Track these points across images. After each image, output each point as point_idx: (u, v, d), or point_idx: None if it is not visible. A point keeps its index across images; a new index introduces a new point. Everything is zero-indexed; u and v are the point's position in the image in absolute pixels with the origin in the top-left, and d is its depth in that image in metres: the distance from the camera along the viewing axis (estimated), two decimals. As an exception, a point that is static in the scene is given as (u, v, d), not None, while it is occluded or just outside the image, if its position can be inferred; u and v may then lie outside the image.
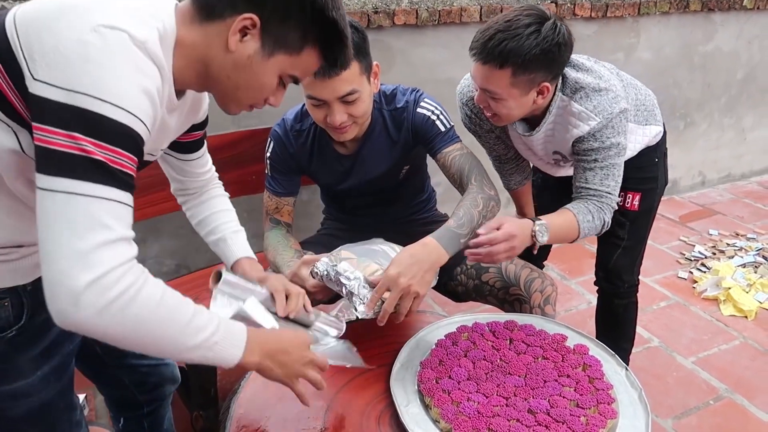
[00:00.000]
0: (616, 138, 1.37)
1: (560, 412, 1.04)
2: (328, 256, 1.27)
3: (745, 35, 3.30)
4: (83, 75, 0.70)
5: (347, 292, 1.21)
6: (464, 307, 1.97)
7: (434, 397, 1.08)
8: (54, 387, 0.97)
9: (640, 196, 1.64)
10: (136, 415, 1.34)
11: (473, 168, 1.41)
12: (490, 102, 1.35)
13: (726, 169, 3.71)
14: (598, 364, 1.18)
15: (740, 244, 2.90)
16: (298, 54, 0.89)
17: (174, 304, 0.77)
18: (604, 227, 1.43)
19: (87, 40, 0.71)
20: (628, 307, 1.82)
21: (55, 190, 0.69)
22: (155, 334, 0.75)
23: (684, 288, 2.56)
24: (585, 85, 1.37)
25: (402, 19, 2.28)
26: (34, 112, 0.71)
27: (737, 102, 3.50)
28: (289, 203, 1.54)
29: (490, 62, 1.27)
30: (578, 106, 1.37)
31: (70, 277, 0.68)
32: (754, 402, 1.90)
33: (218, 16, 0.83)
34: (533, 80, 1.29)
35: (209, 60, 0.86)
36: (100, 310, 0.69)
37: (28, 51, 0.72)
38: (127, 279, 0.71)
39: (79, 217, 0.69)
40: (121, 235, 0.72)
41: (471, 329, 1.28)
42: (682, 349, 2.16)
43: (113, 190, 0.72)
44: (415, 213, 1.68)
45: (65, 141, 0.69)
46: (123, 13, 0.76)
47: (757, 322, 2.31)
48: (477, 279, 1.55)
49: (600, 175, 1.41)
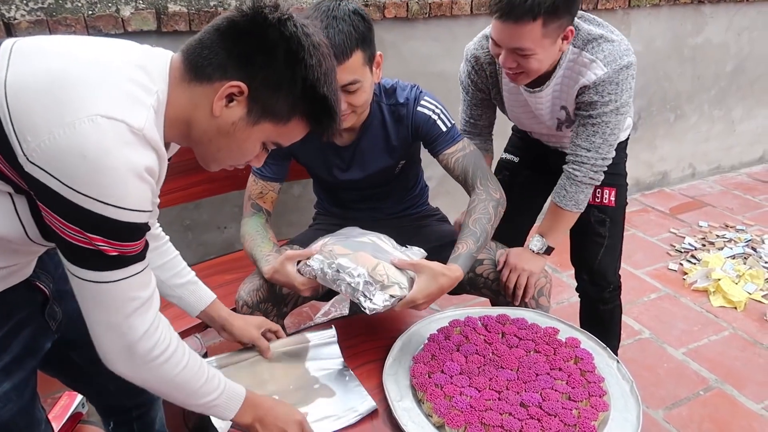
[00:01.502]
0: (616, 96, 1.37)
1: (552, 405, 1.05)
2: (321, 253, 1.25)
3: (734, 27, 3.32)
4: (83, 174, 0.70)
5: (351, 289, 1.18)
6: (456, 301, 1.97)
7: (427, 391, 1.08)
8: (15, 404, 0.94)
9: (615, 192, 1.65)
10: (126, 419, 1.32)
11: (477, 168, 1.43)
12: (519, 60, 1.32)
13: (716, 161, 3.73)
14: (590, 357, 1.19)
15: (730, 235, 2.92)
16: (285, 124, 0.88)
17: (192, 373, 0.91)
18: (586, 190, 1.48)
19: (83, 132, 0.69)
20: (614, 312, 1.82)
21: (83, 278, 0.78)
22: (172, 393, 0.91)
23: (674, 279, 2.58)
24: (597, 36, 1.37)
25: (392, 12, 2.27)
26: (37, 194, 0.73)
27: (727, 94, 3.52)
28: (274, 189, 1.50)
29: (522, 18, 1.23)
30: (589, 56, 1.37)
31: (111, 347, 0.83)
32: (744, 392, 1.92)
33: (207, 79, 0.82)
34: (561, 26, 1.28)
35: (193, 122, 0.85)
36: (133, 368, 0.85)
37: (20, 128, 0.70)
38: (159, 348, 0.85)
39: (108, 299, 0.80)
40: (145, 298, 0.83)
41: (463, 323, 1.28)
42: (672, 341, 2.17)
43: (130, 268, 0.80)
44: (409, 208, 1.68)
45: (78, 236, 0.74)
46: (119, 95, 0.74)
47: (746, 312, 2.33)
48: (471, 272, 1.55)
49: (589, 131, 1.42)
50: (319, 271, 1.22)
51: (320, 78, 0.85)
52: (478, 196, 1.40)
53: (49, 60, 0.74)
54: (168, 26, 1.88)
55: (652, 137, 3.34)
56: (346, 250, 1.25)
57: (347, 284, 1.18)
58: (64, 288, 1.03)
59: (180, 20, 1.89)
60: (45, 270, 0.99)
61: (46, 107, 0.70)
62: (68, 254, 0.77)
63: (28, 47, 0.76)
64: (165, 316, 0.88)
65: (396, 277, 1.19)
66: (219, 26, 0.83)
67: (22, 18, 1.70)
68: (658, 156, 3.44)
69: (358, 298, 1.17)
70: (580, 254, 1.76)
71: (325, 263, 1.22)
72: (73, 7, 1.76)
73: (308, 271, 1.25)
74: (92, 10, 1.78)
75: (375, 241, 1.31)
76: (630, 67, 1.37)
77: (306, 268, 1.25)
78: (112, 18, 1.79)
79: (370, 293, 1.17)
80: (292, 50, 0.82)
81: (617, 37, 1.38)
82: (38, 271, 0.97)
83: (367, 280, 1.17)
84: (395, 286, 1.17)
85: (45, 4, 1.72)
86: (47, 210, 0.73)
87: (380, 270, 1.19)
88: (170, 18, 1.88)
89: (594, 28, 1.39)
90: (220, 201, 2.18)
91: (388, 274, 1.18)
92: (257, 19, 0.81)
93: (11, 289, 0.90)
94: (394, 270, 1.20)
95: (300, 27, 0.83)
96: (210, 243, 2.25)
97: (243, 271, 1.31)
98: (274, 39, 0.81)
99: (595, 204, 1.64)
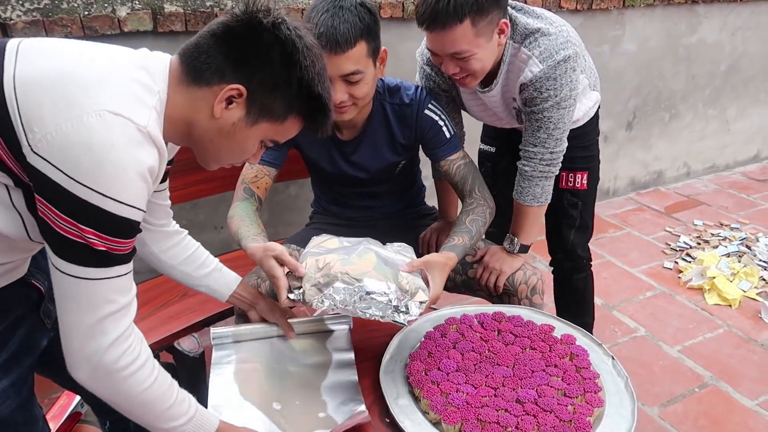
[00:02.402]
0: (555, 91, 1.35)
1: (548, 402, 1.06)
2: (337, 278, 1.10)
3: (728, 27, 3.33)
4: (86, 165, 0.71)
5: (381, 310, 1.09)
6: (453, 299, 1.97)
7: (423, 388, 1.09)
8: (13, 401, 0.95)
9: (587, 175, 1.68)
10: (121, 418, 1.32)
11: (476, 178, 1.48)
12: (461, 65, 1.31)
13: (710, 159, 3.74)
14: (585, 353, 1.19)
15: (724, 234, 2.93)
16: (282, 122, 0.91)
17: (158, 393, 0.88)
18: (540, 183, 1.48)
19: (90, 125, 0.71)
20: (587, 280, 1.88)
21: (65, 272, 0.78)
22: (134, 411, 0.88)
23: (669, 278, 2.59)
24: (534, 30, 1.35)
25: (388, 12, 2.28)
26: (36, 185, 0.74)
27: (721, 93, 3.54)
28: (269, 175, 1.46)
29: (449, 23, 1.23)
30: (527, 51, 1.35)
31: (78, 348, 0.81)
32: (738, 389, 1.93)
33: (205, 82, 0.85)
34: (492, 20, 1.27)
35: (193, 123, 0.87)
36: (96, 377, 0.82)
37: (27, 120, 0.72)
38: (127, 358, 0.82)
39: (86, 296, 0.79)
40: (123, 304, 0.82)
41: (459, 321, 1.29)
42: (667, 338, 2.19)
43: (115, 269, 0.80)
44: (406, 207, 1.68)
45: (70, 228, 0.74)
46: (124, 93, 0.76)
47: (741, 310, 2.35)
48: (464, 275, 1.56)
49: (534, 127, 1.43)
50: (341, 303, 1.09)
51: (314, 78, 0.88)
52: (477, 200, 1.44)
53: (57, 58, 0.76)
54: (164, 27, 1.89)
55: (647, 136, 3.36)
56: (359, 267, 1.13)
57: (379, 306, 1.09)
58: None
59: (176, 21, 1.90)
60: (39, 268, 0.99)
61: (54, 101, 0.72)
62: (56, 247, 0.77)
63: (34, 46, 0.78)
64: (162, 316, 0.89)
65: (416, 282, 1.15)
66: (215, 31, 0.85)
67: (18, 18, 1.70)
68: (653, 155, 3.46)
69: (392, 315, 1.10)
70: (553, 236, 1.81)
71: (349, 292, 1.09)
72: (69, 7, 1.76)
73: (325, 304, 1.09)
74: (88, 10, 1.78)
75: (376, 250, 1.22)
76: (568, 60, 1.34)
77: (321, 301, 1.09)
78: (108, 18, 1.80)
79: (405, 306, 1.11)
80: (287, 52, 0.85)
81: (555, 29, 1.35)
82: (33, 269, 0.98)
83: (398, 295, 1.10)
84: (419, 291, 1.14)
85: (41, 5, 1.73)
86: (43, 202, 0.74)
87: (402, 280, 1.13)
88: (166, 18, 1.88)
89: (532, 20, 1.36)
90: (217, 201, 2.18)
91: (409, 281, 1.13)
92: (252, 23, 0.84)
93: (7, 287, 0.91)
94: (409, 275, 1.16)
95: (293, 30, 0.86)
96: (207, 243, 2.21)
97: (240, 270, 1.32)
98: (269, 42, 0.84)
99: (567, 188, 1.68)
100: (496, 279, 1.48)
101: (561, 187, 1.67)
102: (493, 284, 1.49)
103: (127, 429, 1.33)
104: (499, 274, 1.48)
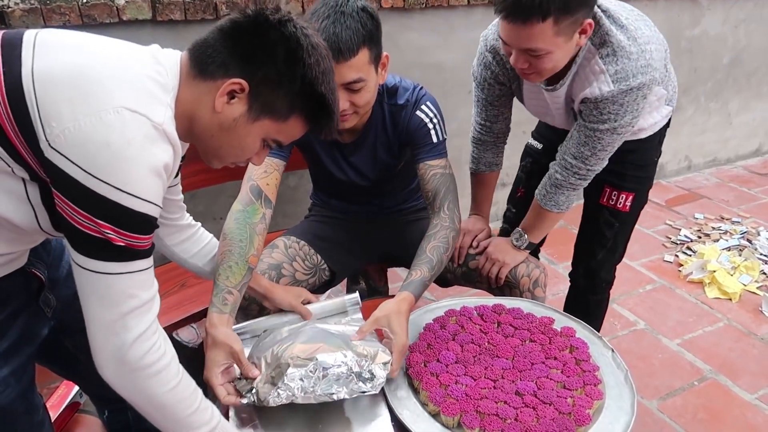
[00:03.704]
0: (616, 116, 1.27)
1: (547, 394, 1.05)
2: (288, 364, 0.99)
3: (731, 19, 3.31)
4: (103, 161, 0.72)
5: (345, 381, 1.01)
6: (452, 292, 1.97)
7: (422, 380, 1.09)
8: (14, 390, 0.95)
9: (633, 197, 1.55)
10: (120, 408, 1.32)
11: (449, 193, 1.38)
12: (531, 61, 1.21)
13: (712, 153, 3.73)
14: (585, 346, 1.19)
15: (725, 227, 2.93)
16: (284, 121, 0.90)
17: (182, 396, 0.88)
18: (567, 193, 1.44)
19: (108, 122, 0.72)
20: (601, 303, 1.78)
21: (86, 268, 0.78)
22: (156, 414, 0.87)
23: (670, 271, 2.59)
24: (615, 42, 1.23)
25: (389, 2, 2.26)
26: (53, 180, 0.74)
27: (723, 86, 3.52)
28: (278, 169, 1.36)
29: (531, 18, 1.12)
30: (601, 64, 1.24)
31: (102, 344, 0.81)
32: (738, 383, 1.93)
33: (210, 76, 0.85)
34: (576, 21, 1.16)
35: (196, 117, 0.87)
36: (120, 374, 0.83)
37: (45, 115, 0.72)
38: (151, 356, 0.83)
39: (107, 292, 0.79)
40: (145, 300, 0.82)
41: (459, 313, 1.28)
42: (667, 331, 2.19)
43: (134, 263, 0.80)
44: (404, 202, 1.67)
45: (88, 224, 0.75)
46: (141, 89, 0.77)
47: (741, 304, 2.35)
48: (465, 266, 1.55)
49: (581, 140, 1.35)
50: (300, 390, 0.98)
51: (318, 77, 0.87)
52: (442, 222, 1.35)
53: (75, 53, 0.77)
54: (163, 15, 1.87)
55: (649, 129, 3.34)
56: (309, 347, 1.03)
57: (340, 380, 1.00)
58: (57, 275, 1.05)
59: (175, 9, 1.88)
60: (39, 258, 1.00)
61: (73, 96, 0.72)
62: (75, 243, 0.78)
63: (51, 39, 0.78)
64: (160, 307, 0.89)
65: (372, 345, 1.08)
66: (222, 26, 0.86)
67: (15, 6, 1.68)
68: (655, 148, 3.45)
69: (358, 385, 1.01)
70: (580, 248, 1.72)
71: (306, 376, 0.99)
72: (67, -5, 1.74)
73: (282, 396, 0.98)
74: (87, -2, 1.77)
75: (322, 327, 1.14)
76: (642, 87, 1.24)
77: (277, 395, 0.98)
78: (106, 7, 1.78)
79: (369, 372, 1.02)
80: (292, 49, 0.85)
81: (637, 48, 1.23)
82: (32, 259, 0.98)
83: (357, 361, 1.02)
84: (379, 352, 1.05)
85: (39, -7, 1.71)
86: (61, 197, 0.74)
87: (357, 347, 1.05)
88: (165, 7, 1.87)
89: (616, 29, 1.24)
90: (216, 191, 2.17)
91: (365, 346, 1.06)
92: (259, 20, 0.85)
93: (7, 276, 0.91)
94: (363, 341, 1.08)
95: (299, 28, 0.86)
96: (206, 234, 2.24)
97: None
98: (274, 39, 0.85)
99: (607, 206, 1.57)
100: (498, 270, 1.47)
101: (601, 203, 1.57)
102: (495, 276, 1.48)
103: (126, 420, 1.34)
104: (501, 266, 1.47)
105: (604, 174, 1.44)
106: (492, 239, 1.53)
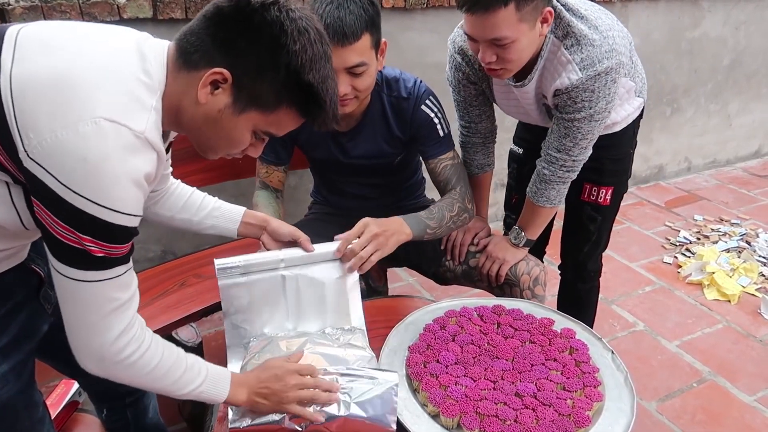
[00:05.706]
0: (590, 103, 1.30)
1: (547, 395, 1.05)
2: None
3: (732, 21, 3.31)
4: (81, 175, 0.70)
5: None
6: (452, 292, 1.97)
7: (422, 381, 1.09)
8: (14, 386, 0.94)
9: (612, 191, 1.61)
10: (118, 406, 1.32)
11: (461, 179, 1.45)
12: (498, 53, 1.24)
13: (711, 155, 3.74)
14: (585, 347, 1.19)
15: (724, 229, 2.93)
16: (272, 112, 0.86)
17: (167, 366, 0.89)
18: (557, 187, 1.46)
19: (85, 134, 0.70)
20: (591, 291, 1.84)
21: (66, 275, 0.78)
22: (151, 385, 0.91)
23: (669, 273, 2.59)
24: (577, 32, 1.27)
25: (390, 2, 2.26)
26: (32, 188, 0.73)
27: (723, 88, 3.52)
28: (279, 170, 1.51)
29: (492, 5, 1.16)
30: (567, 54, 1.28)
31: (85, 343, 0.83)
32: (736, 384, 1.93)
33: (194, 66, 0.82)
34: (536, 7, 1.20)
35: (182, 109, 0.84)
36: (103, 367, 0.85)
37: (23, 124, 0.70)
38: (131, 347, 0.84)
39: (88, 298, 0.80)
40: (125, 300, 0.83)
41: (459, 314, 1.28)
42: (666, 333, 2.19)
43: (114, 270, 0.80)
44: (404, 199, 1.68)
45: (68, 235, 0.74)
46: (123, 95, 0.75)
47: (740, 306, 2.35)
48: (465, 264, 1.55)
49: (561, 132, 1.38)
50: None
51: (305, 64, 0.82)
52: (452, 195, 1.43)
53: (56, 58, 0.74)
54: (164, 14, 1.87)
55: (648, 131, 3.34)
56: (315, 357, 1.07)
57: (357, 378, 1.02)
58: None
59: (176, 8, 1.88)
60: (39, 254, 0.99)
61: (50, 106, 0.70)
62: (54, 251, 0.77)
63: (33, 38, 0.75)
64: (160, 306, 0.89)
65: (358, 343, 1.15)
66: (206, 12, 0.83)
67: (16, 4, 1.68)
68: (654, 149, 3.45)
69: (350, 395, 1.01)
70: (566, 244, 1.77)
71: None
72: (68, -7, 1.74)
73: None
74: (87, -4, 1.77)
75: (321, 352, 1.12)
76: (609, 72, 1.27)
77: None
78: (107, 5, 1.78)
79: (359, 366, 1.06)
80: (274, 35, 0.80)
81: (600, 35, 1.27)
82: (32, 254, 0.97)
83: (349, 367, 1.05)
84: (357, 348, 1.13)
85: (39, -10, 1.71)
86: (40, 206, 0.73)
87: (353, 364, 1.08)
88: (166, 5, 1.86)
89: (577, 21, 1.28)
90: (216, 190, 2.15)
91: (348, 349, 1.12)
92: (241, 4, 0.80)
93: (7, 272, 0.91)
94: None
95: (285, 11, 0.81)
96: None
97: (252, 249, 1.31)
98: (257, 24, 0.80)
99: (588, 201, 1.62)
100: (499, 268, 1.48)
101: (582, 199, 1.62)
102: (495, 274, 1.48)
103: (124, 418, 1.33)
104: (501, 264, 1.48)
105: (582, 171, 1.47)
106: (492, 237, 1.54)
